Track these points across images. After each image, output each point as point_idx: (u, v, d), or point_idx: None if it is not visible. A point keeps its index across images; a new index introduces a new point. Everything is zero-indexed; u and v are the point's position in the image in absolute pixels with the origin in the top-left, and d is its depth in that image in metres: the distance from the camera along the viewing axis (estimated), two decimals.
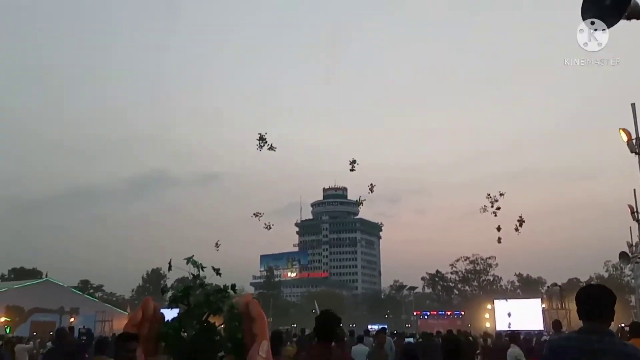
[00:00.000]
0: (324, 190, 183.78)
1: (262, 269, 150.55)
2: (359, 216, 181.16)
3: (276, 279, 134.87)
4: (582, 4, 3.28)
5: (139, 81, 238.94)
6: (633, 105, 14.40)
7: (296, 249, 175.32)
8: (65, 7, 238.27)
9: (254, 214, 26.99)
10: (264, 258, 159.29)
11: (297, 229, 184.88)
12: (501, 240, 26.21)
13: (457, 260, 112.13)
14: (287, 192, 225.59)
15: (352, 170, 24.36)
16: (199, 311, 1.08)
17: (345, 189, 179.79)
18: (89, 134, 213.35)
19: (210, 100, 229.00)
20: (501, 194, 24.99)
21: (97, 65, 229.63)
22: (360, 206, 29.19)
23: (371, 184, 25.38)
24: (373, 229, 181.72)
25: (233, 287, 1.09)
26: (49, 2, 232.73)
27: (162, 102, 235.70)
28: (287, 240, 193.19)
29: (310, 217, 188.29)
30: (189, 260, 1.09)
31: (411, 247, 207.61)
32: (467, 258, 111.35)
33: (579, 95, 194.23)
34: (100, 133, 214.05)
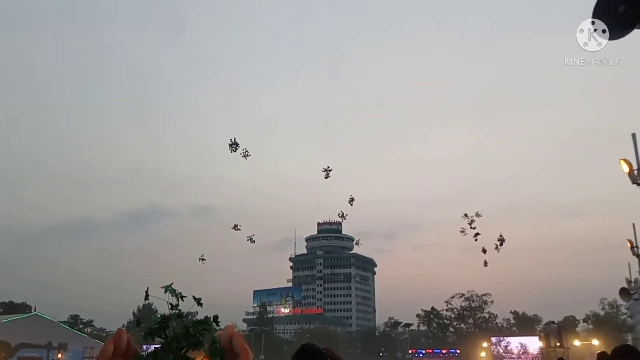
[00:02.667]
0: (319, 224, 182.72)
1: (255, 305, 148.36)
2: (353, 251, 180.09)
3: (269, 315, 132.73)
4: (593, 13, 3.10)
5: (136, 114, 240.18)
6: (633, 135, 13.98)
7: (290, 284, 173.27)
8: (64, 45, 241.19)
9: (233, 227, 26.44)
10: (257, 293, 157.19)
11: (291, 263, 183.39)
12: (487, 264, 25.97)
13: (453, 297, 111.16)
14: (281, 226, 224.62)
15: (326, 177, 24.25)
16: (177, 345, 0.96)
17: (339, 224, 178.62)
18: (85, 166, 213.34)
19: (204, 134, 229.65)
20: (478, 215, 24.80)
21: (94, 98, 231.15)
22: (358, 245, 28.98)
23: (351, 196, 25.14)
24: (368, 265, 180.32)
25: (215, 319, 0.99)
26: (49, 39, 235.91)
27: (158, 135, 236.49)
28: (281, 275, 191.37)
29: (305, 251, 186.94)
30: (167, 288, 1.00)
31: (406, 283, 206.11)
32: (463, 295, 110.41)
33: (575, 128, 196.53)
34: (96, 165, 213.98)
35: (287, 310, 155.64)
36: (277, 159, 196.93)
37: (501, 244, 24.79)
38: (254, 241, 26.73)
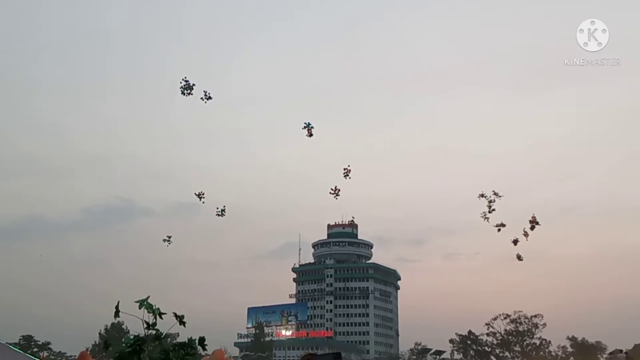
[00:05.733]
0: (329, 227, 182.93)
1: (250, 325, 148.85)
2: (372, 260, 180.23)
3: (267, 339, 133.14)
4: None
5: (104, 86, 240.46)
6: None
7: (293, 300, 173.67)
8: None
9: (197, 195, 25.55)
10: (252, 311, 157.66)
11: (294, 275, 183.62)
12: (521, 258, 25.64)
13: (495, 319, 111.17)
14: (282, 229, 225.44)
15: (309, 135, 23.77)
16: None
17: (355, 226, 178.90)
18: (30, 152, 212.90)
19: (183, 117, 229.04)
20: (496, 194, 24.48)
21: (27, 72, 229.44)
22: (353, 222, 27.96)
23: (347, 167, 24.58)
24: (389, 277, 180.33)
25: (201, 341, 0.98)
26: None
27: (128, 114, 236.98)
28: (282, 289, 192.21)
29: (312, 260, 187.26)
30: (143, 303, 0.97)
31: (437, 301, 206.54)
32: (508, 316, 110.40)
33: None
34: (47, 151, 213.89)
35: (289, 333, 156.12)
36: (274, 146, 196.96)
37: (532, 228, 24.35)
38: (224, 214, 25.74)
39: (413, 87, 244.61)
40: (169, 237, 26.47)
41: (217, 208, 25.68)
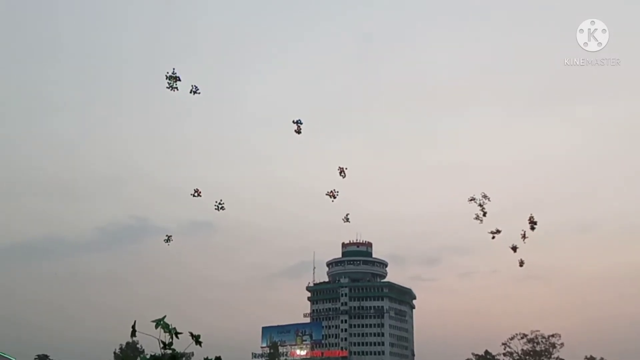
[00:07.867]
0: (343, 245, 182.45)
1: (264, 345, 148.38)
2: (387, 279, 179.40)
3: (282, 358, 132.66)
4: None
5: (116, 106, 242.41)
6: None
7: (307, 319, 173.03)
8: None
9: (193, 192, 25.15)
10: (266, 330, 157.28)
11: (309, 294, 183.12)
12: (523, 263, 24.98)
13: (512, 338, 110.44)
14: (296, 248, 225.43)
15: (297, 131, 23.52)
16: None
17: (369, 245, 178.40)
18: (47, 172, 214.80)
19: (190, 137, 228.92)
20: (485, 196, 23.79)
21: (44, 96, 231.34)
22: (347, 222, 27.38)
23: (341, 167, 24.39)
24: (405, 296, 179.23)
25: None
26: None
27: (142, 132, 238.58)
28: (297, 308, 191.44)
29: (326, 279, 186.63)
30: (159, 323, 1.01)
31: (453, 320, 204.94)
32: (525, 335, 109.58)
33: None
34: (63, 171, 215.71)
35: (303, 352, 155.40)
36: (288, 164, 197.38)
37: (532, 229, 23.49)
38: (223, 208, 25.25)
39: (425, 104, 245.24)
40: (169, 236, 26.23)
41: (216, 202, 25.34)
